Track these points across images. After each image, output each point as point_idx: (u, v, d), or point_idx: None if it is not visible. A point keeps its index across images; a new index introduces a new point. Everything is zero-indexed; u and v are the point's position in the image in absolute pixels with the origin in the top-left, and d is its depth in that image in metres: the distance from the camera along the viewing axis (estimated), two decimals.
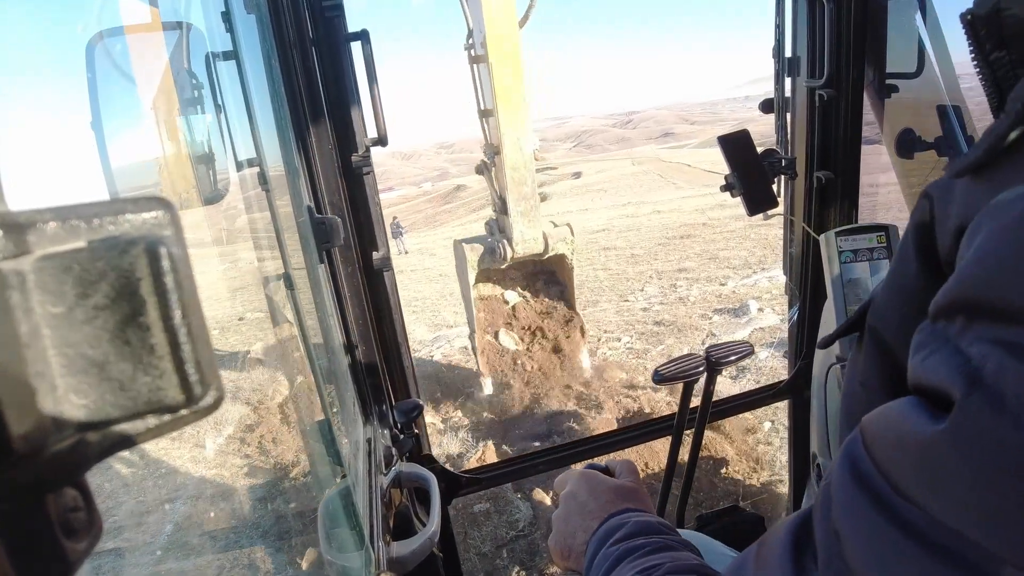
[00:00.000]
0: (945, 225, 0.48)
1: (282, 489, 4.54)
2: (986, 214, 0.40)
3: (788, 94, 1.96)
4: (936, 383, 0.38)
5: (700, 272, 9.89)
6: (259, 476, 4.79)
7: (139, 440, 0.20)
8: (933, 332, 0.40)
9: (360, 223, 1.53)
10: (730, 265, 9.99)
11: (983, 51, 0.47)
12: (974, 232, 0.40)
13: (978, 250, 0.39)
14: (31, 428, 0.18)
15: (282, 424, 5.44)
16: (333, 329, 1.39)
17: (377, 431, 1.54)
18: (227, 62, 1.31)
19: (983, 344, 0.35)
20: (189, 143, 1.50)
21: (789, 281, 2.21)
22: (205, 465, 5.03)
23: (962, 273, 0.39)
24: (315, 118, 1.40)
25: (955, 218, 0.46)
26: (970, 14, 0.47)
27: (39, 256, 0.18)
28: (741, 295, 8.37)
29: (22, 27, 61.77)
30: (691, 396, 1.66)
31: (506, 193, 5.27)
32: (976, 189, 0.44)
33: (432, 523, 1.36)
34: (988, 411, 0.33)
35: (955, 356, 0.37)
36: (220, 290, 9.40)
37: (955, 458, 0.34)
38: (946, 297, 0.40)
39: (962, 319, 0.38)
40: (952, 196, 0.48)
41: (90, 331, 0.19)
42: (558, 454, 2.04)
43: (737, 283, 9.00)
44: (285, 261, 1.26)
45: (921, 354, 0.40)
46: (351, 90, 1.44)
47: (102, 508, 0.21)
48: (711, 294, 8.70)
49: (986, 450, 0.33)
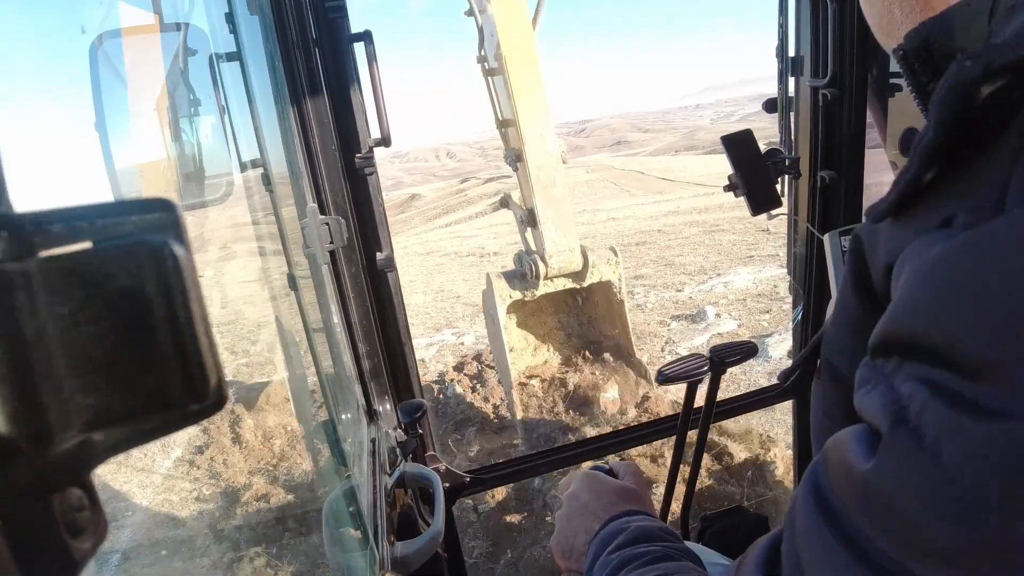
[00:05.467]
0: (876, 264, 0.50)
1: (286, 489, 4.55)
2: (906, 258, 0.41)
3: (791, 93, 1.95)
4: (870, 418, 0.39)
5: (657, 279, 9.92)
6: (263, 476, 4.79)
7: (144, 439, 0.21)
8: (872, 368, 0.42)
9: (364, 224, 1.53)
10: (686, 271, 10.04)
11: (919, 83, 0.48)
12: (898, 272, 0.42)
13: (902, 292, 0.40)
14: (37, 428, 0.18)
15: (286, 424, 5.45)
16: (337, 329, 1.39)
17: (381, 431, 1.55)
18: (230, 63, 1.31)
19: (911, 383, 0.37)
20: (193, 144, 1.50)
21: (793, 281, 2.20)
22: (206, 464, 5.04)
23: (891, 313, 0.40)
24: (318, 119, 1.40)
25: (883, 257, 0.47)
26: (902, 48, 0.47)
27: (45, 257, 0.19)
28: (698, 301, 8.40)
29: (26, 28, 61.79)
30: (695, 396, 1.65)
31: (533, 201, 4.46)
32: (897, 230, 0.46)
33: (436, 523, 1.36)
34: (909, 448, 0.34)
35: (888, 393, 0.38)
36: (224, 291, 9.44)
37: (886, 493, 0.36)
38: (878, 336, 0.41)
39: (896, 358, 0.39)
40: (878, 237, 0.50)
41: (96, 331, 0.19)
42: (563, 454, 2.04)
43: (694, 289, 9.04)
44: (289, 262, 1.26)
45: (863, 389, 0.42)
46: (354, 91, 1.45)
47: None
48: (668, 301, 8.72)
49: (909, 486, 0.34)
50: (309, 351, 1.21)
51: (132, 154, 1.42)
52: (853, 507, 0.38)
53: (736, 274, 9.47)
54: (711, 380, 1.66)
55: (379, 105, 1.48)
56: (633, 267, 10.68)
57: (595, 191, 22.76)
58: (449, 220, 24.29)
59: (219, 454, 5.09)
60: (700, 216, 14.32)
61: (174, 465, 5.18)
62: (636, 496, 0.86)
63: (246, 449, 5.15)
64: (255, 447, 5.18)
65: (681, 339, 7.18)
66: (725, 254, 10.61)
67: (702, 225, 13.24)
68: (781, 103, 1.95)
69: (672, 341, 7.18)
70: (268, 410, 5.65)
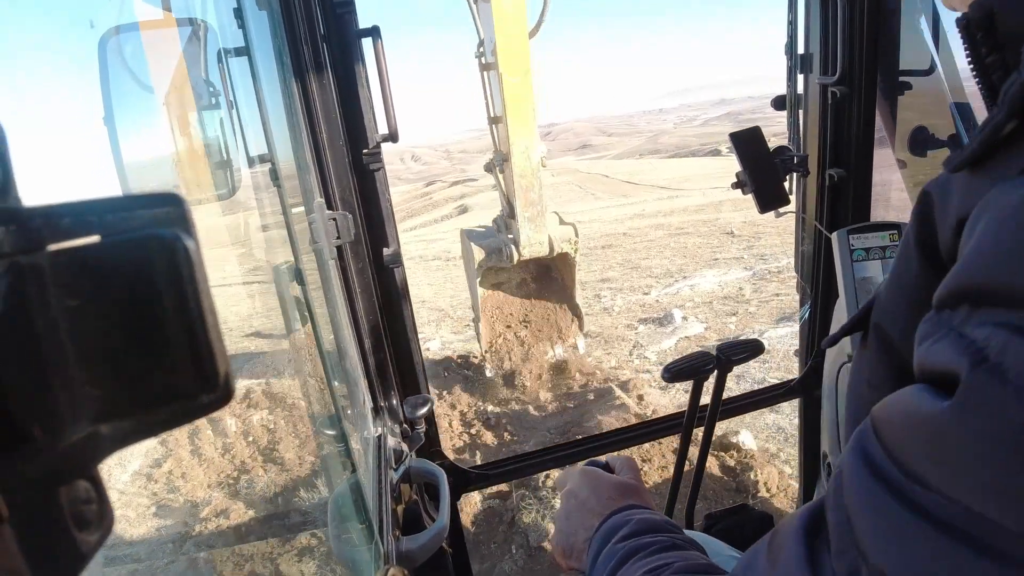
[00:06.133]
0: (945, 221, 0.49)
1: (292, 483, 4.57)
2: (984, 206, 0.41)
3: (800, 91, 1.95)
4: (941, 366, 0.38)
5: (623, 282, 9.91)
6: (270, 470, 4.81)
7: (152, 432, 0.21)
8: (938, 321, 0.41)
9: (371, 219, 1.54)
10: (652, 275, 10.05)
11: (978, 54, 0.47)
12: (973, 224, 0.41)
13: (978, 240, 0.39)
14: (47, 420, 0.18)
15: (293, 419, 5.47)
16: (343, 325, 1.39)
17: (387, 426, 1.55)
18: (239, 58, 1.31)
19: (987, 328, 0.36)
20: (202, 139, 1.51)
21: (800, 279, 2.19)
22: (213, 459, 5.06)
23: (964, 263, 0.40)
24: (326, 114, 1.41)
25: (954, 213, 0.46)
26: (965, 18, 0.47)
27: (54, 251, 0.19)
28: (665, 304, 8.40)
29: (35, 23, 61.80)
30: (701, 394, 1.65)
31: (514, 199, 5.48)
32: (974, 182, 0.45)
33: (441, 518, 1.36)
34: (992, 385, 0.34)
35: (960, 340, 0.37)
36: (232, 285, 9.46)
37: (962, 432, 0.35)
38: (949, 287, 0.40)
39: (966, 307, 0.39)
40: (951, 191, 0.49)
41: (105, 324, 0.19)
42: (567, 451, 2.04)
43: (660, 292, 9.04)
44: (296, 257, 1.26)
45: (926, 343, 0.41)
46: (362, 86, 1.45)
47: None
48: (635, 304, 8.72)
49: (991, 423, 0.33)
50: (316, 346, 1.21)
51: (142, 148, 1.42)
52: (913, 457, 0.37)
53: (702, 277, 9.47)
54: (717, 378, 1.66)
55: (387, 100, 1.48)
56: (599, 270, 10.69)
57: (560, 194, 22.85)
58: (414, 224, 24.31)
59: (224, 446, 5.11)
60: (665, 219, 14.34)
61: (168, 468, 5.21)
62: (635, 490, 0.85)
63: (255, 442, 5.18)
64: (263, 441, 5.20)
65: (649, 342, 7.19)
66: (690, 257, 10.63)
67: (667, 228, 13.24)
68: (790, 100, 1.95)
69: (640, 345, 7.18)
70: (273, 404, 5.67)
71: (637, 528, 0.72)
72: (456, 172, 51.91)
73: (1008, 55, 0.47)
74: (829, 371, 1.89)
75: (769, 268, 9.42)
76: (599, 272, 10.57)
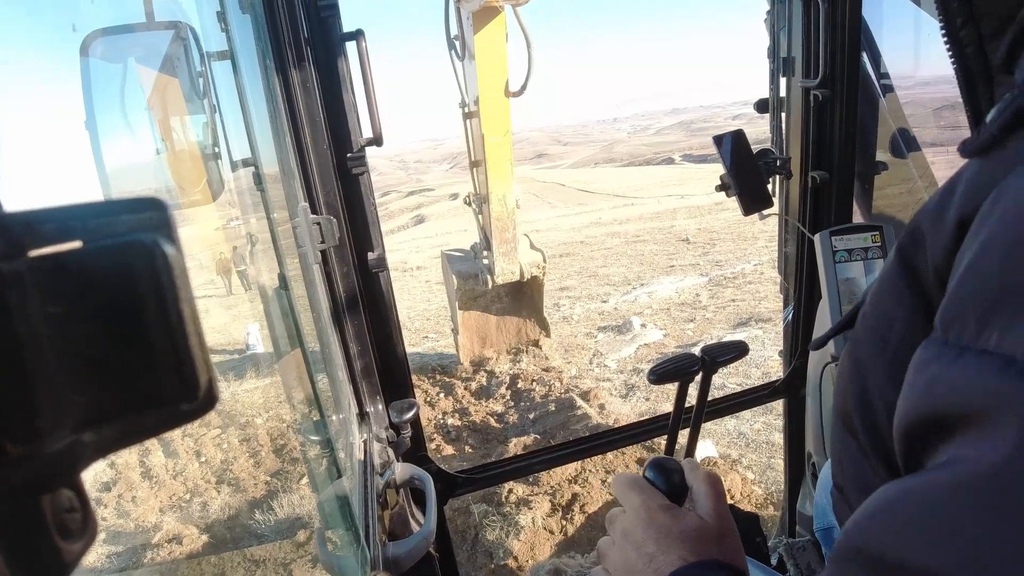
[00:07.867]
0: (938, 238, 0.46)
1: (278, 490, 4.53)
2: (999, 193, 0.38)
3: (783, 94, 1.96)
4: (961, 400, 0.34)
5: (582, 290, 9.98)
6: (256, 477, 4.77)
7: (135, 440, 0.20)
8: (944, 344, 0.38)
9: (356, 223, 1.53)
10: (610, 282, 10.13)
11: (953, 25, 0.47)
12: (984, 217, 0.39)
13: (991, 232, 0.37)
14: (29, 428, 0.18)
15: (277, 425, 5.43)
16: (328, 329, 1.38)
17: (373, 431, 1.54)
18: (222, 62, 1.30)
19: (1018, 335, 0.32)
20: (184, 143, 1.49)
21: (784, 281, 2.21)
22: (199, 465, 5.01)
23: (976, 259, 0.37)
24: (310, 117, 1.40)
25: (956, 210, 0.44)
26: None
27: (35, 256, 0.18)
28: (623, 312, 8.47)
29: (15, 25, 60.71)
30: (686, 395, 1.66)
31: (491, 236, 6.34)
32: (984, 171, 0.43)
33: (428, 523, 1.35)
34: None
35: (979, 361, 0.34)
36: (214, 291, 9.37)
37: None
38: (954, 307, 0.38)
39: (973, 322, 0.36)
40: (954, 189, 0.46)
41: (87, 331, 0.19)
42: (554, 454, 2.04)
43: (618, 300, 9.11)
44: (280, 261, 1.26)
45: (929, 371, 0.38)
46: (346, 89, 1.44)
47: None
48: (594, 312, 8.79)
49: None
50: (300, 351, 1.20)
51: (124, 152, 1.41)
52: (906, 544, 0.33)
53: (659, 284, 9.54)
54: (703, 379, 1.66)
55: (371, 104, 1.48)
56: (558, 279, 10.75)
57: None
58: None
59: (208, 456, 5.06)
60: (621, 227, 14.43)
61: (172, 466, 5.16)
62: (713, 536, 0.60)
63: (238, 449, 5.13)
64: (247, 449, 5.16)
65: (609, 350, 7.23)
66: (647, 264, 10.71)
67: (623, 236, 13.33)
68: (772, 104, 1.96)
69: (600, 353, 7.22)
70: (257, 411, 5.63)
71: None
72: (412, 182, 51.79)
73: (982, 28, 0.47)
74: (813, 371, 1.91)
75: (725, 274, 9.50)
76: (558, 281, 10.63)
